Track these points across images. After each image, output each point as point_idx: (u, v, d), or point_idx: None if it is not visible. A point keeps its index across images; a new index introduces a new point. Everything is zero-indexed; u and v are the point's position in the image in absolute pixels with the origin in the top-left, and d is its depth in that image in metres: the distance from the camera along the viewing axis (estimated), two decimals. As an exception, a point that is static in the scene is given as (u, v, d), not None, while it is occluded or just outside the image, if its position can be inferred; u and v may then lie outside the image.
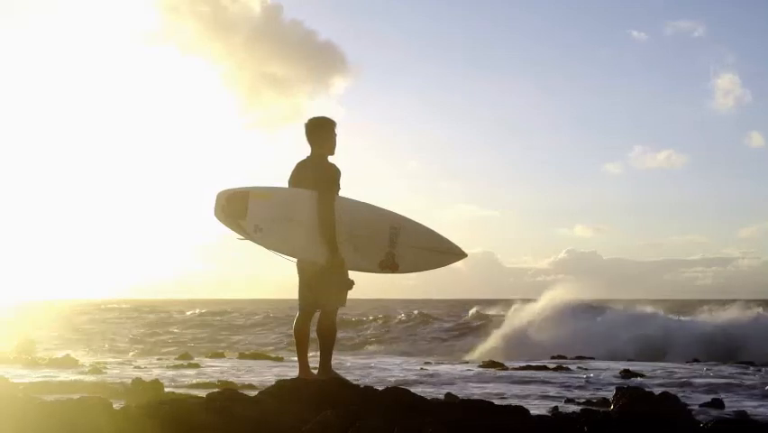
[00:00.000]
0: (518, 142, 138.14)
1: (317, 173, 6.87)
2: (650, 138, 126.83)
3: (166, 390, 9.46)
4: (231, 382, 10.86)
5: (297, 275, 6.97)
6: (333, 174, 6.96)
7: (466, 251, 7.26)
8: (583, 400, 9.47)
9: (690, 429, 5.92)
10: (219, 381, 11.08)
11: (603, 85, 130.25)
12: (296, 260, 6.92)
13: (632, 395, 7.96)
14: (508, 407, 6.65)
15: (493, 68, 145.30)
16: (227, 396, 5.92)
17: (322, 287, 6.80)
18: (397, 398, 6.32)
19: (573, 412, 6.81)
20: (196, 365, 14.52)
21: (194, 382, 11.06)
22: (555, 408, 8.63)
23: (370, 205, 7.10)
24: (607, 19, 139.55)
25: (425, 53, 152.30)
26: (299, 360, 6.94)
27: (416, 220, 7.14)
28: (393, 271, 7.06)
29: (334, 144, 7.05)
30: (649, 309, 27.68)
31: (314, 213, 6.74)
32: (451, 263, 7.22)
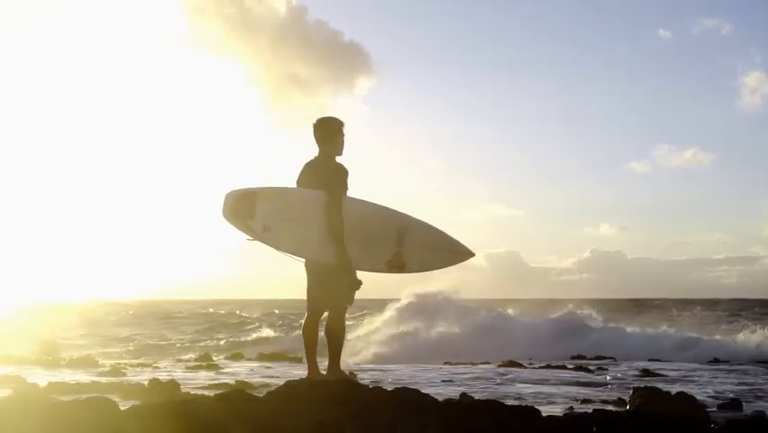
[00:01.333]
0: (543, 141, 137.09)
1: (325, 173, 6.80)
2: (675, 136, 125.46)
3: (183, 390, 9.46)
4: (248, 382, 10.83)
5: (306, 275, 6.92)
6: (341, 174, 6.89)
7: (475, 250, 7.17)
8: (600, 400, 9.36)
9: (700, 429, 5.80)
10: (237, 381, 11.05)
11: (629, 83, 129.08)
12: (304, 260, 6.87)
13: (648, 395, 7.85)
14: (518, 407, 6.56)
15: (517, 67, 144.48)
16: (234, 396, 5.90)
17: (330, 287, 6.73)
18: (406, 398, 6.23)
19: (585, 412, 6.70)
20: (215, 366, 14.52)
21: (211, 383, 11.05)
22: (570, 408, 8.53)
23: (377, 205, 7.02)
24: (633, 17, 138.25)
25: (450, 52, 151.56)
26: (308, 360, 6.86)
27: (427, 220, 7.06)
28: (401, 271, 6.97)
29: (342, 144, 6.98)
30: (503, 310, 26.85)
31: (321, 213, 6.68)
32: (458, 263, 7.13)
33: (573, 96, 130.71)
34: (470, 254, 7.10)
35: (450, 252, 7.06)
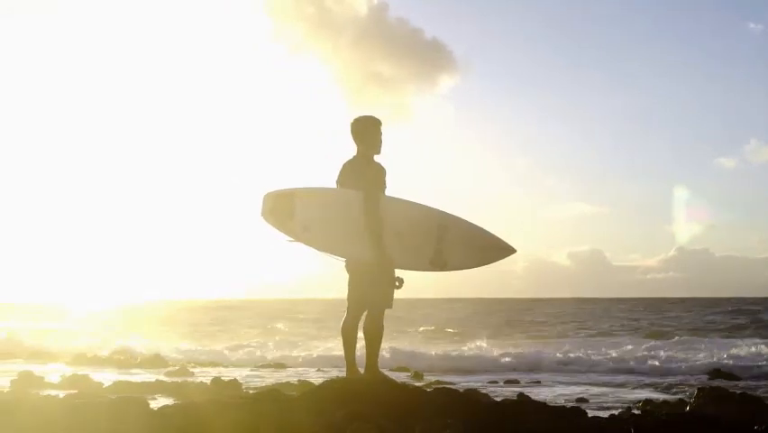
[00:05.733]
0: (628, 137, 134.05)
1: (362, 173, 6.66)
2: (765, 131, 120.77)
3: (243, 390, 9.52)
4: (311, 381, 10.85)
5: (347, 275, 6.84)
6: (378, 173, 6.71)
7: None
8: (660, 401, 9.03)
9: (741, 432, 5.49)
10: (300, 380, 11.09)
11: (718, 77, 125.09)
12: (344, 260, 6.80)
13: (709, 396, 7.49)
14: (562, 408, 6.30)
15: (602, 64, 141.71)
16: (268, 396, 5.85)
17: (369, 287, 6.61)
18: (442, 398, 6.03)
19: (632, 414, 6.45)
20: (282, 366, 14.66)
21: (275, 382, 11.10)
22: (628, 408, 8.25)
23: (416, 203, 6.81)
24: (723, 11, 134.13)
25: (534, 50, 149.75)
26: (346, 360, 6.72)
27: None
28: (443, 269, 6.80)
29: (380, 143, 6.82)
30: None
31: (360, 213, 6.59)
32: (500, 259, 6.89)
33: (660, 92, 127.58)
34: (511, 251, 6.86)
35: (491, 248, 6.82)
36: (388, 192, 6.81)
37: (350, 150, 6.91)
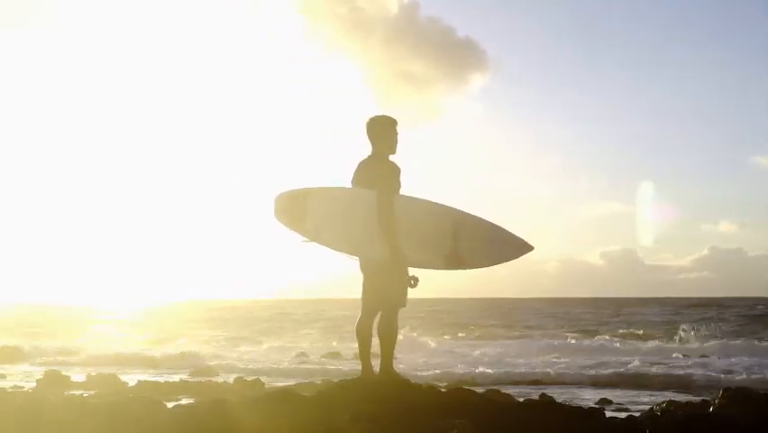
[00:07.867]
0: (661, 136, 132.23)
1: (377, 172, 6.57)
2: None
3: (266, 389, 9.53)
4: (332, 382, 10.83)
5: (362, 275, 6.80)
6: (392, 173, 6.65)
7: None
8: (684, 402, 8.90)
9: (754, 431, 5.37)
10: (322, 380, 11.07)
11: (753, 75, 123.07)
12: (358, 259, 6.76)
13: (734, 396, 7.37)
14: (579, 409, 6.23)
15: (635, 63, 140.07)
16: (280, 396, 5.84)
17: (383, 287, 6.58)
18: (457, 399, 6.03)
19: (649, 415, 6.35)
20: (308, 365, 14.69)
21: (297, 382, 11.10)
22: (651, 409, 8.15)
23: (432, 202, 6.77)
24: (758, 7, 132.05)
25: (565, 50, 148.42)
26: (361, 360, 6.69)
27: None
28: (459, 267, 6.73)
29: (395, 143, 6.76)
30: None
31: (374, 212, 6.56)
32: (517, 257, 6.78)
33: (694, 90, 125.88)
34: (529, 248, 6.76)
35: (508, 246, 6.72)
36: (402, 192, 6.76)
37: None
